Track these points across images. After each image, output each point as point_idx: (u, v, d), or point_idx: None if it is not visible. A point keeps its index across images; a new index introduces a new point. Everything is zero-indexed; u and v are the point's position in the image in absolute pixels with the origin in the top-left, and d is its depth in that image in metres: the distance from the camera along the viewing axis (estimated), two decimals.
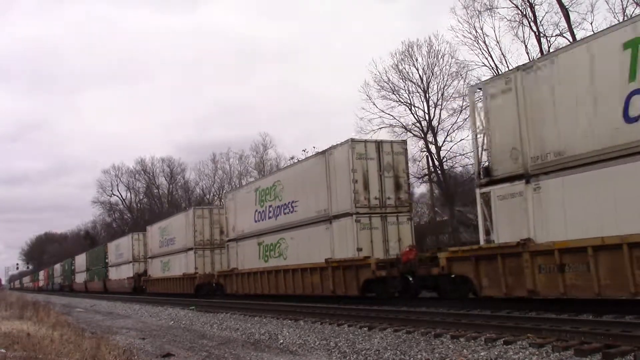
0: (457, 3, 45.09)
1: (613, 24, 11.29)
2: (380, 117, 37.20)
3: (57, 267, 79.03)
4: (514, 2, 29.64)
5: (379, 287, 16.05)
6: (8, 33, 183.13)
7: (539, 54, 29.06)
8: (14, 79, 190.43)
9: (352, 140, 17.04)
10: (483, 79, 31.73)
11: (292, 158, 46.26)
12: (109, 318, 21.64)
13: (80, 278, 59.07)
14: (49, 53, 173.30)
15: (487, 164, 12.65)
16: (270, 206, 21.29)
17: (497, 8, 30.53)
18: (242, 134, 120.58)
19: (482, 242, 12.77)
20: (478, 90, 13.19)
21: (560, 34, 28.62)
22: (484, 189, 12.61)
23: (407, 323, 11.45)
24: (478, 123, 12.91)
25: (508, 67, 30.81)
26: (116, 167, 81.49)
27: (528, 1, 29.29)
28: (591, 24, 28.13)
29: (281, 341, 11.39)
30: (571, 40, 27.56)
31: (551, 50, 21.97)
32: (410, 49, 37.28)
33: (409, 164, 20.62)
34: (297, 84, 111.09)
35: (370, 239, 16.55)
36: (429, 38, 38.20)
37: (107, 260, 47.37)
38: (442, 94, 36.57)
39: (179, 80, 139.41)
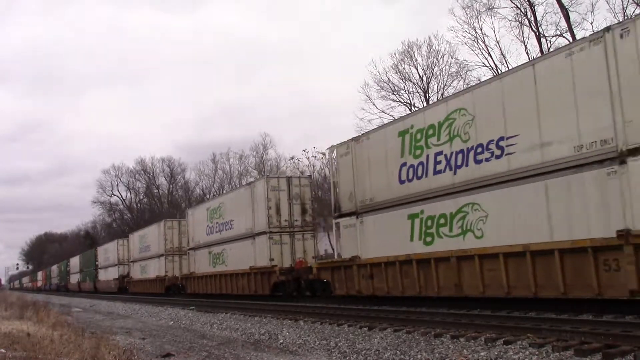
0: (456, 4, 44.99)
1: (453, 92, 11.86)
2: (380, 117, 37.26)
3: (54, 268, 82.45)
4: (514, 2, 29.67)
5: (282, 288, 20.71)
6: (10, 33, 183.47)
7: (539, 54, 29.10)
8: (15, 79, 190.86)
9: (268, 176, 23.17)
10: (483, 79, 31.89)
11: (292, 158, 46.45)
12: (108, 318, 21.64)
13: (74, 279, 63.24)
14: (50, 53, 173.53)
15: (337, 203, 17.29)
16: (217, 222, 25.70)
17: (497, 8, 30.55)
18: (243, 134, 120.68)
19: (335, 257, 18.01)
20: (333, 151, 17.84)
21: (560, 34, 28.68)
22: (336, 220, 17.34)
23: (407, 323, 11.45)
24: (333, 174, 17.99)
25: (508, 67, 30.86)
26: (116, 167, 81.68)
27: (528, 1, 29.32)
28: (591, 24, 28.22)
29: (281, 341, 11.39)
30: (571, 40, 27.59)
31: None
32: (410, 49, 37.35)
33: None
34: (297, 84, 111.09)
35: (281, 252, 21.18)
36: (429, 38, 38.26)
37: (97, 263, 52.05)
38: (442, 94, 36.61)
39: (180, 80, 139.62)
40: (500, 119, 11.88)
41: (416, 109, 36.55)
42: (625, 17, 24.85)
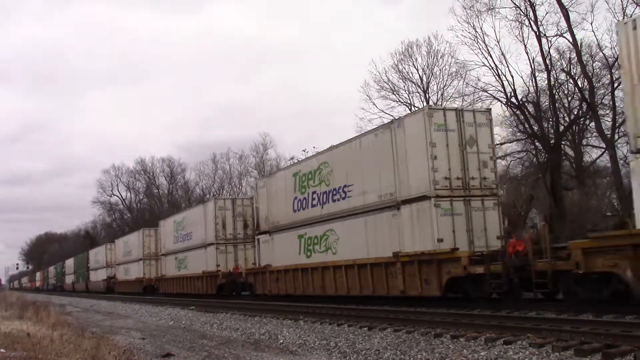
0: (456, 3, 44.93)
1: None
2: (380, 117, 37.20)
3: (51, 269, 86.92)
4: (515, 2, 29.61)
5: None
6: (12, 34, 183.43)
7: (539, 54, 29.09)
8: (17, 79, 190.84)
9: (216, 198, 22.94)
10: (483, 79, 31.97)
11: (291, 158, 46.34)
12: (108, 318, 21.64)
13: (69, 279, 68.16)
14: (52, 54, 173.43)
15: (258, 223, 22.90)
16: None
17: (497, 8, 30.49)
18: (244, 134, 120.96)
19: (257, 265, 23.39)
20: (256, 183, 24.73)
21: (561, 34, 28.56)
22: (257, 236, 22.89)
23: (407, 323, 11.45)
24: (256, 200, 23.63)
25: (508, 67, 30.85)
26: (116, 167, 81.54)
27: (528, 1, 29.25)
28: (591, 24, 28.12)
29: (281, 341, 11.39)
30: (571, 40, 27.58)
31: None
32: (409, 49, 37.28)
33: None
34: (298, 84, 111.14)
35: (226, 259, 19.76)
36: (429, 38, 38.00)
37: (88, 265, 56.83)
38: (442, 94, 36.58)
39: (182, 81, 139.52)
40: (345, 173, 17.42)
41: (416, 108, 36.54)
42: (625, 17, 24.84)
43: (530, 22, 29.38)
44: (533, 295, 13.31)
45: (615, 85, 26.26)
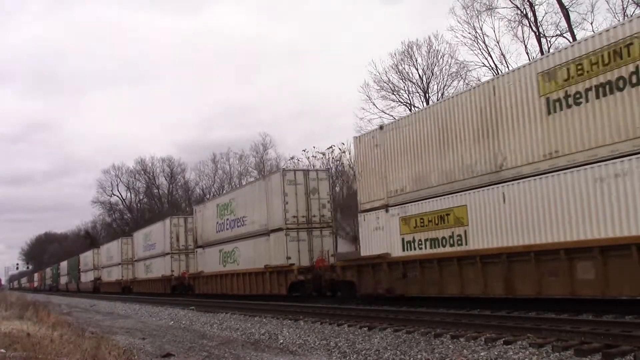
0: (457, 3, 44.95)
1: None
2: (380, 117, 37.28)
3: (48, 270, 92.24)
4: (514, 2, 29.66)
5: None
6: (14, 34, 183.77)
7: (539, 54, 29.10)
8: (19, 79, 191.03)
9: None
10: (483, 79, 31.98)
11: (292, 158, 46.54)
12: (108, 318, 21.64)
13: (63, 280, 73.79)
14: (53, 54, 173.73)
15: (198, 239, 28.69)
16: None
17: (497, 8, 30.53)
18: (245, 134, 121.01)
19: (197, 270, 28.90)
20: (194, 208, 30.86)
21: (561, 34, 28.67)
22: (195, 249, 29.10)
23: (407, 323, 11.45)
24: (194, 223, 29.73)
25: (508, 67, 30.88)
26: (116, 167, 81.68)
27: (528, 1, 29.31)
28: (591, 24, 28.22)
29: (281, 341, 11.39)
30: (571, 40, 27.58)
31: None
32: (409, 49, 37.33)
33: None
34: (299, 84, 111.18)
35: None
36: (429, 38, 38.16)
37: (79, 268, 62.45)
38: (442, 94, 36.62)
39: (182, 81, 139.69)
40: (244, 207, 23.87)
41: (416, 109, 36.59)
42: (625, 18, 24.83)
43: (529, 22, 29.43)
44: (329, 294, 19.69)
45: None
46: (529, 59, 29.53)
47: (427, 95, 36.99)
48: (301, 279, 19.49)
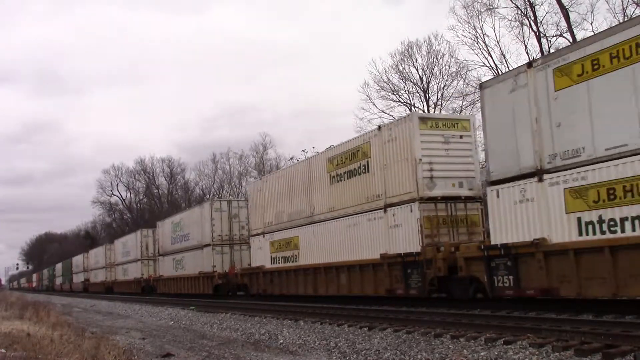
0: (457, 3, 44.93)
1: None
2: (380, 117, 37.27)
3: (45, 272, 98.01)
4: (514, 2, 29.65)
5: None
6: (16, 35, 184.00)
7: (539, 54, 29.08)
8: (21, 80, 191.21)
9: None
10: (483, 79, 31.93)
11: (291, 158, 46.44)
12: (108, 318, 21.64)
13: (58, 281, 79.89)
14: (56, 55, 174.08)
15: (159, 249, 35.17)
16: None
17: (497, 8, 30.53)
18: (246, 134, 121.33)
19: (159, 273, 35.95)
20: (157, 224, 36.61)
21: (561, 34, 28.64)
22: (157, 257, 35.97)
23: (407, 323, 11.45)
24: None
25: (508, 67, 30.86)
26: (116, 167, 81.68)
27: (528, 1, 29.29)
28: (591, 24, 28.18)
29: (281, 341, 11.38)
30: (571, 40, 27.57)
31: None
32: (410, 49, 37.32)
33: None
34: (300, 84, 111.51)
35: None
36: (429, 38, 38.09)
37: (72, 270, 68.06)
38: (442, 94, 36.63)
39: (184, 81, 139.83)
40: (188, 226, 29.92)
41: (416, 108, 36.60)
42: (625, 18, 24.84)
43: (530, 22, 29.42)
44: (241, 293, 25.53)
45: None
46: (529, 59, 29.54)
47: (427, 95, 36.99)
48: (219, 282, 26.40)
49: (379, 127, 16.19)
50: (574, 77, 10.44)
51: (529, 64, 11.49)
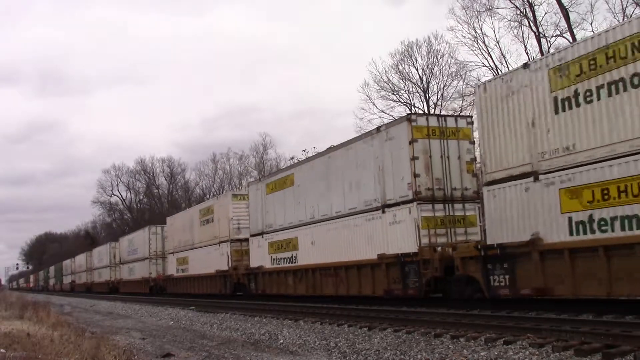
0: (456, 3, 44.94)
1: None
2: (380, 117, 37.28)
3: (41, 273, 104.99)
4: (514, 2, 29.65)
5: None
6: (20, 35, 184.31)
7: (539, 54, 29.09)
8: (24, 80, 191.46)
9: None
10: (483, 79, 31.91)
11: (291, 158, 46.60)
12: (108, 318, 21.63)
13: (51, 282, 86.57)
14: (59, 55, 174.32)
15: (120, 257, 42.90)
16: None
17: (496, 8, 30.52)
18: (247, 135, 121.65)
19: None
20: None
21: (560, 34, 28.64)
22: (119, 265, 44.65)
23: (407, 323, 11.44)
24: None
25: (508, 67, 30.86)
26: (116, 167, 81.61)
27: (528, 1, 29.29)
28: (591, 24, 28.18)
29: (281, 341, 11.38)
30: (571, 40, 27.58)
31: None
32: (410, 49, 37.32)
33: None
34: (300, 85, 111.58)
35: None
36: (429, 38, 38.08)
37: (62, 272, 76.14)
38: (442, 94, 36.64)
39: (185, 82, 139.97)
40: (137, 244, 39.74)
41: (416, 109, 36.59)
42: (625, 18, 24.84)
43: (529, 23, 29.42)
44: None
45: None
46: (529, 59, 29.57)
47: (427, 95, 37.00)
48: (152, 285, 36.19)
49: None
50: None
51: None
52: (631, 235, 9.32)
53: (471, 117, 15.57)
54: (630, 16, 25.83)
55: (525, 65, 11.61)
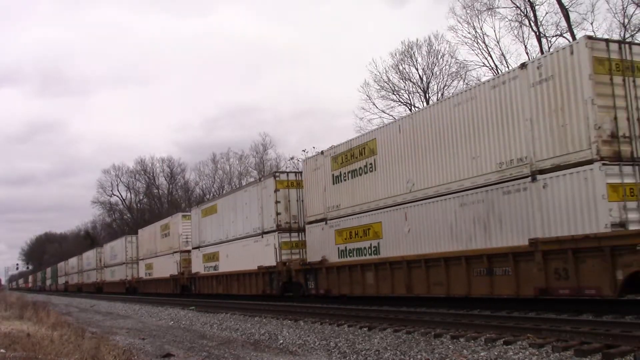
0: (457, 3, 44.98)
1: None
2: (380, 117, 37.32)
3: (39, 274, 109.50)
4: (514, 2, 29.66)
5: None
6: (22, 35, 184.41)
7: (539, 54, 29.09)
8: (25, 80, 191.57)
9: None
10: (482, 79, 31.96)
11: (291, 158, 46.73)
12: (108, 318, 21.63)
13: (48, 282, 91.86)
14: (61, 55, 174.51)
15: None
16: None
17: (497, 8, 30.54)
18: (248, 135, 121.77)
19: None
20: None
21: (561, 34, 28.66)
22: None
23: (407, 323, 11.45)
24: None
25: (508, 67, 30.87)
26: (116, 167, 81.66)
27: (528, 1, 29.29)
28: (591, 24, 28.21)
29: (281, 341, 11.38)
30: (571, 40, 27.59)
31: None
32: (410, 49, 37.34)
33: None
34: (301, 85, 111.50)
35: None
36: (429, 38, 38.13)
37: (57, 273, 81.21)
38: (442, 94, 36.62)
39: (186, 82, 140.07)
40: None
41: (416, 108, 36.59)
42: (625, 18, 24.85)
43: (530, 22, 29.42)
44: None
45: None
46: (529, 59, 29.55)
47: (427, 95, 37.03)
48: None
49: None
50: None
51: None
52: (358, 259, 16.31)
53: None
54: (630, 16, 25.83)
55: (322, 152, 18.21)
